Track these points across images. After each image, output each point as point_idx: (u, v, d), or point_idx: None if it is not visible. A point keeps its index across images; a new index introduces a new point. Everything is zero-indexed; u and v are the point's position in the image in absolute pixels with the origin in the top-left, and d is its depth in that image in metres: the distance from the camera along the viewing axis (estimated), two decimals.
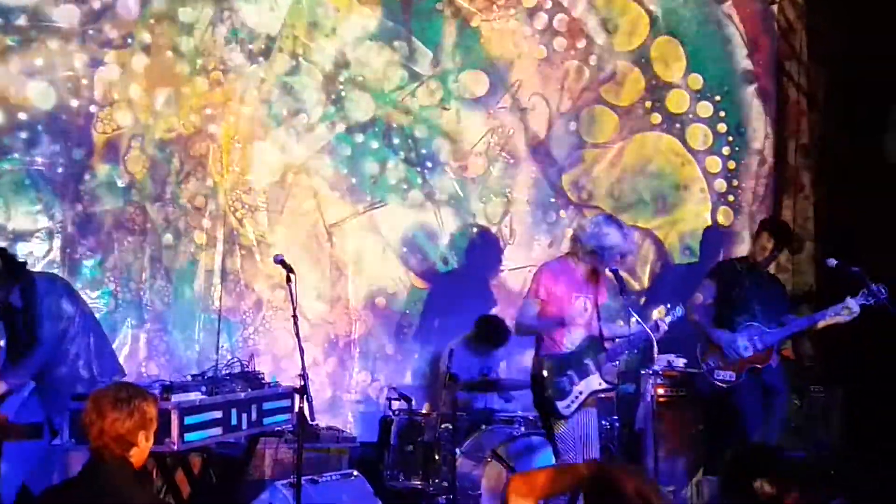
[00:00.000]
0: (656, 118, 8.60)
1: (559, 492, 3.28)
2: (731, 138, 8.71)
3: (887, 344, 6.97)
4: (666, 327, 6.01)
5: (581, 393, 5.85)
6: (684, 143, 8.64)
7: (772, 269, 7.46)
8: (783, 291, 7.22)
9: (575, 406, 5.84)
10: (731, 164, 8.71)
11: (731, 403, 6.77)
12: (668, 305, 6.19)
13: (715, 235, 8.61)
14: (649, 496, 2.87)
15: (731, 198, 8.71)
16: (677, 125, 8.63)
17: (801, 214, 8.64)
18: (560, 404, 5.82)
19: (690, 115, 8.64)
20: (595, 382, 5.92)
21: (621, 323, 6.27)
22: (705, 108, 8.66)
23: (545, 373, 5.86)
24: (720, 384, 6.76)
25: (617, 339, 6.05)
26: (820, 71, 8.68)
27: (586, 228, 5.97)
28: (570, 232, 7.89)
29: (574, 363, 5.89)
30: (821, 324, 6.76)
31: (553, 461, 5.97)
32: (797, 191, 8.68)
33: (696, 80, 8.63)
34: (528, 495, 3.17)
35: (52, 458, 5.58)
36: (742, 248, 8.25)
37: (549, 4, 8.38)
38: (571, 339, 5.93)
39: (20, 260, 5.61)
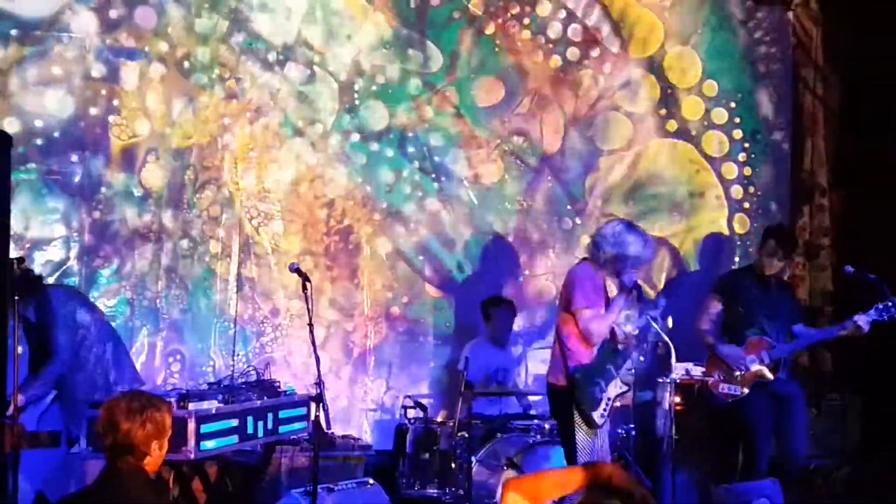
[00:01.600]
0: (671, 125, 8.59)
1: (558, 496, 3.28)
2: (747, 144, 8.70)
3: None
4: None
5: (609, 399, 5.83)
6: (700, 149, 8.63)
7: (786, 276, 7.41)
8: (794, 301, 7.09)
9: (607, 413, 5.81)
10: (748, 171, 8.70)
11: (739, 416, 6.70)
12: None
13: (717, 242, 8.58)
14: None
15: (747, 205, 8.68)
16: (692, 132, 8.62)
17: (818, 220, 8.61)
18: (595, 414, 5.75)
19: (705, 122, 8.63)
20: (617, 386, 5.90)
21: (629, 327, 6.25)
22: (720, 115, 8.65)
23: (578, 385, 5.78)
24: (726, 398, 6.70)
25: (626, 338, 6.04)
26: (836, 77, 8.65)
27: (608, 236, 5.88)
28: (585, 239, 7.89)
29: (600, 370, 5.86)
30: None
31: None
32: (814, 197, 8.65)
33: (712, 87, 8.62)
34: (527, 497, 3.16)
35: (70, 466, 5.60)
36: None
37: (563, 14, 8.38)
38: (597, 348, 5.93)
39: (35, 274, 5.65)
